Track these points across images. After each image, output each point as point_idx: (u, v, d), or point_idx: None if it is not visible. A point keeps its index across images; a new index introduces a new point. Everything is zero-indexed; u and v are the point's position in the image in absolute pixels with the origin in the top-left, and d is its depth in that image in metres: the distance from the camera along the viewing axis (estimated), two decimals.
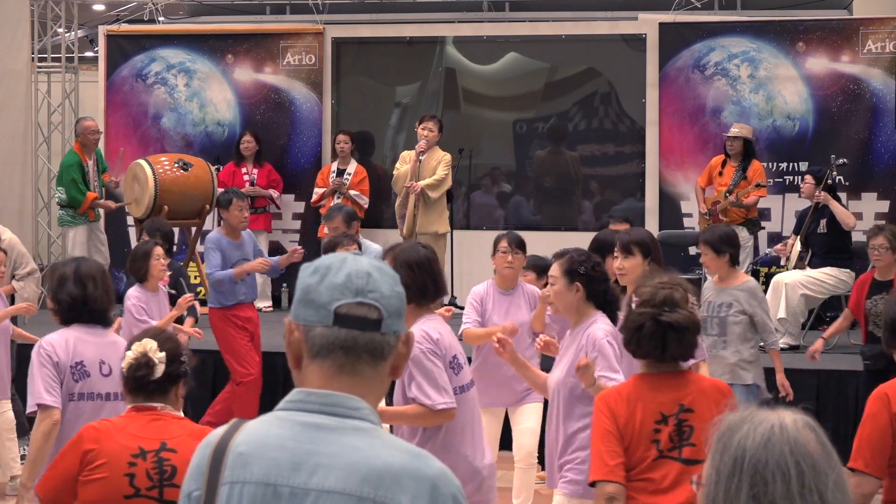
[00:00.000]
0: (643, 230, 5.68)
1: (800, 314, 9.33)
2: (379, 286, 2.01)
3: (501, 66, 12.08)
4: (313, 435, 1.96)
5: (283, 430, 1.99)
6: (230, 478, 1.99)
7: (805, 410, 1.93)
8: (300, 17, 13.04)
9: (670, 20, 11.58)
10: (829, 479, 1.82)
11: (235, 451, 2.00)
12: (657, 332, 3.92)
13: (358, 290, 2.00)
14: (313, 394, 2.01)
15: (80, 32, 13.92)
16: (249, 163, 11.73)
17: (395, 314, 2.02)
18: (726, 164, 10.45)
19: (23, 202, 12.64)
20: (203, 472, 2.02)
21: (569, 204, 11.94)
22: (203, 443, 2.07)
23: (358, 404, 1.99)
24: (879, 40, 11.08)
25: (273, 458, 1.96)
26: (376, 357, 2.01)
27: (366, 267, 2.03)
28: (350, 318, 1.99)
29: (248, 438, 2.00)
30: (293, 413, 2.00)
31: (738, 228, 10.28)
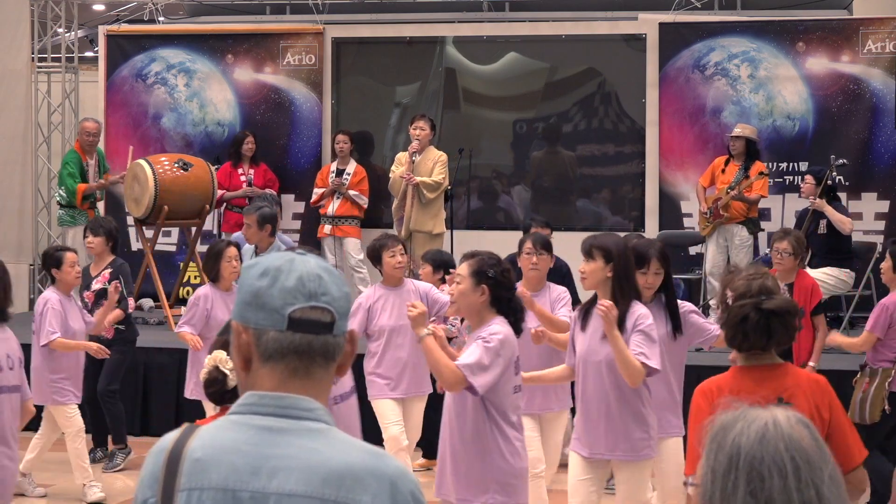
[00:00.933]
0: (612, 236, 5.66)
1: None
2: (330, 288, 2.00)
3: (501, 66, 12.07)
4: (269, 438, 1.95)
5: (239, 435, 1.97)
6: (187, 484, 1.96)
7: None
8: (300, 17, 13.03)
9: (670, 20, 11.58)
10: (824, 474, 1.82)
11: (191, 456, 1.97)
12: (761, 321, 3.96)
13: (311, 294, 1.99)
14: (266, 396, 1.99)
15: (80, 32, 13.91)
16: (246, 163, 11.72)
17: (344, 315, 2.02)
18: (729, 164, 10.44)
19: (23, 202, 12.64)
20: (157, 479, 1.99)
21: (567, 204, 11.94)
22: (156, 448, 2.04)
23: (312, 405, 1.98)
24: (879, 40, 11.08)
25: (231, 463, 1.95)
26: (328, 359, 2.01)
27: (315, 269, 2.01)
28: (305, 323, 1.99)
29: (204, 443, 1.98)
30: (248, 416, 1.99)
31: (739, 228, 10.31)
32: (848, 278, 9.43)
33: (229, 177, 11.64)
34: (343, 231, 11.23)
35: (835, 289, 9.46)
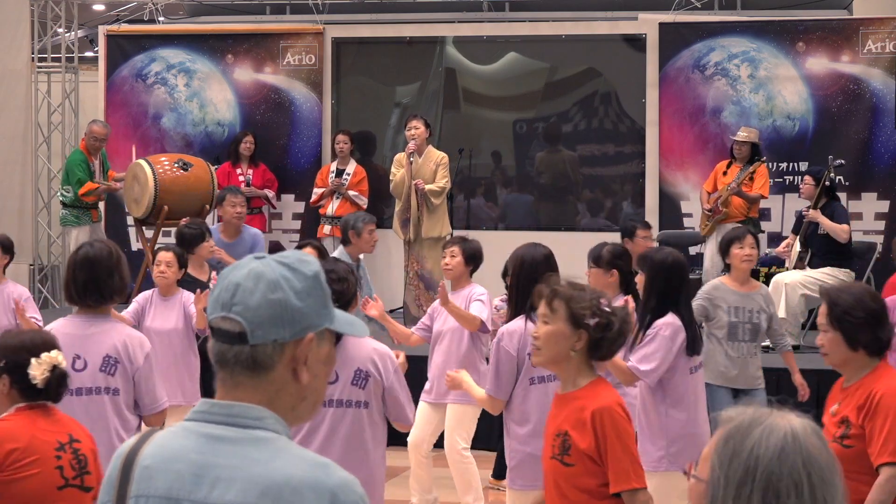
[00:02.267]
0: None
1: (800, 314, 9.33)
2: (246, 298, 1.96)
3: (501, 66, 12.07)
4: (215, 447, 1.94)
5: (188, 442, 1.97)
6: (136, 491, 1.98)
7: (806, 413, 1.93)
8: (300, 17, 13.03)
9: (670, 20, 11.58)
10: (837, 492, 1.82)
11: (142, 463, 1.99)
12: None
13: (223, 304, 1.98)
14: (217, 405, 1.99)
15: (80, 32, 13.91)
16: (245, 163, 11.72)
17: (267, 324, 1.96)
18: (731, 166, 10.45)
19: (23, 202, 12.64)
20: (114, 483, 2.02)
21: (568, 204, 11.94)
22: (116, 453, 2.06)
23: (260, 414, 1.96)
24: (879, 40, 11.08)
25: (176, 472, 1.95)
26: (252, 369, 1.97)
27: (239, 277, 1.99)
28: (218, 332, 1.98)
29: (155, 451, 1.99)
30: (199, 424, 1.98)
31: None
32: (848, 278, 9.41)
33: (228, 177, 11.64)
34: None
35: None
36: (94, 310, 4.84)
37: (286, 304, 1.97)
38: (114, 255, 4.86)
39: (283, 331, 1.97)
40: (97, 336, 4.80)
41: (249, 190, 11.56)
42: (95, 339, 4.80)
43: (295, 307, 1.98)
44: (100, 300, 4.82)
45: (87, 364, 4.76)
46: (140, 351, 4.82)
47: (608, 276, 6.07)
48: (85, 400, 4.76)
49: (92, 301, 4.81)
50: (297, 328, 1.98)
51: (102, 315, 4.85)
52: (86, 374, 4.75)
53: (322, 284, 2.03)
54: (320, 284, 2.03)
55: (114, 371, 4.78)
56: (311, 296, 2.00)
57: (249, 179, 11.66)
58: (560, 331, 3.70)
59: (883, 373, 4.00)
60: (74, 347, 4.75)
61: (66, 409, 4.76)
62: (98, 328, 4.82)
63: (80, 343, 4.78)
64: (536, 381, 5.17)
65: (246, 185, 11.60)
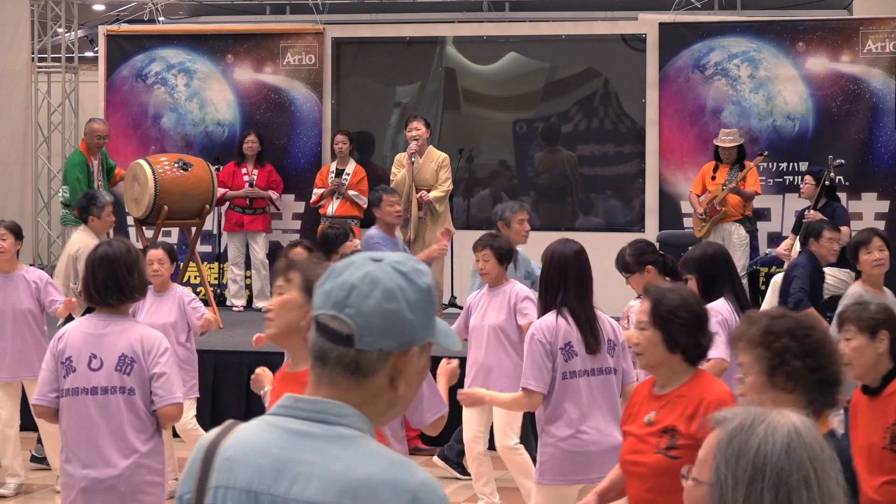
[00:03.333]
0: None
1: None
2: (360, 302, 1.94)
3: (501, 66, 12.07)
4: (298, 442, 1.94)
5: (271, 436, 1.96)
6: (216, 482, 1.97)
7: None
8: (300, 17, 13.04)
9: (670, 20, 11.58)
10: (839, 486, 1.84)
11: (223, 455, 1.98)
12: None
13: (336, 303, 1.95)
14: (302, 400, 1.98)
15: (80, 32, 13.93)
16: (250, 163, 11.72)
17: (376, 332, 1.94)
18: (718, 169, 10.47)
19: (23, 202, 12.65)
20: (194, 474, 2.02)
21: (567, 204, 11.94)
22: (198, 444, 2.05)
23: (345, 411, 1.95)
24: (879, 40, 11.07)
25: (257, 465, 1.94)
26: (352, 372, 1.96)
27: (356, 278, 1.96)
28: (324, 329, 1.96)
29: (237, 443, 1.99)
30: (282, 419, 1.98)
31: (736, 226, 10.32)
32: (848, 278, 9.39)
33: (232, 176, 11.64)
34: None
35: (835, 289, 9.44)
36: (113, 309, 4.82)
37: (399, 316, 1.95)
38: (132, 252, 4.87)
39: (390, 341, 1.95)
40: (113, 335, 4.79)
41: (253, 191, 11.56)
42: (112, 338, 4.79)
43: (406, 319, 1.95)
44: (121, 298, 4.80)
45: (102, 363, 4.75)
46: (158, 349, 4.79)
47: (645, 274, 6.10)
48: (100, 399, 4.75)
49: (113, 300, 4.80)
50: (404, 340, 1.97)
51: (120, 314, 4.84)
52: (101, 374, 4.74)
53: (433, 298, 2.01)
54: (432, 298, 2.00)
55: (129, 370, 4.75)
56: (423, 309, 1.98)
57: (254, 180, 11.65)
58: (294, 299, 3.63)
59: (707, 380, 3.86)
60: (90, 347, 4.75)
61: (80, 408, 4.77)
62: (115, 327, 4.81)
63: (97, 342, 4.78)
64: (569, 376, 5.16)
65: (250, 186, 11.60)
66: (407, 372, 1.98)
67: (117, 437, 4.75)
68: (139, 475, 4.78)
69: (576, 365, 5.14)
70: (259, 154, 11.73)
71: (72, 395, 4.77)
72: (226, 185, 11.56)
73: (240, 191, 11.59)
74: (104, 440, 4.76)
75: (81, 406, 4.76)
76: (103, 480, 4.75)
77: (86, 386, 4.75)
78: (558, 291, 5.15)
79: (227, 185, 11.56)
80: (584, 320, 5.15)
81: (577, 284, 5.16)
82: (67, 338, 4.81)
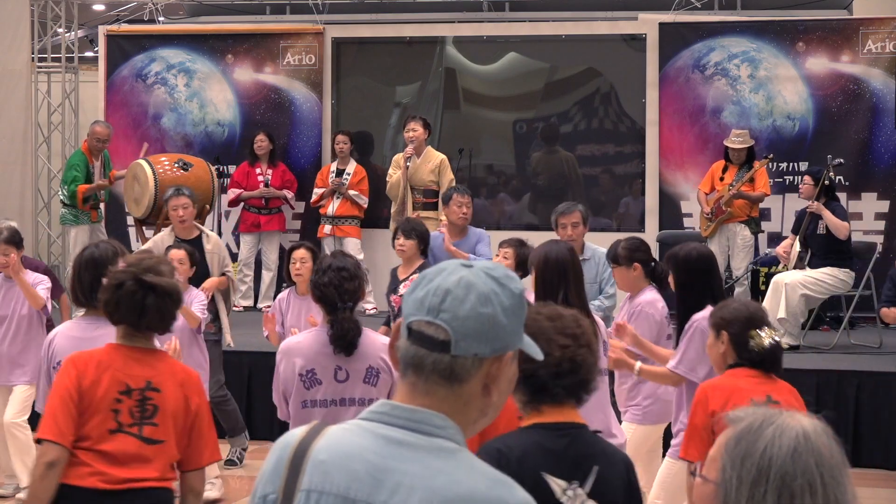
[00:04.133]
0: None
1: (800, 314, 9.33)
2: (455, 307, 1.91)
3: (501, 66, 12.08)
4: (396, 451, 1.90)
5: (366, 442, 1.92)
6: (308, 485, 1.93)
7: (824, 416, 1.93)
8: (300, 17, 13.04)
9: (670, 20, 11.58)
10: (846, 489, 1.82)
11: (316, 457, 1.94)
12: (138, 294, 3.97)
13: (430, 309, 1.92)
14: (399, 408, 1.94)
15: (80, 32, 13.92)
16: (264, 163, 11.71)
17: (472, 337, 1.91)
18: (728, 169, 10.45)
19: (23, 202, 12.64)
20: (280, 475, 1.96)
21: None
22: (281, 443, 2.01)
23: (444, 423, 1.92)
24: (879, 40, 11.08)
25: (354, 471, 1.90)
26: (448, 378, 1.93)
27: (450, 283, 1.93)
28: (418, 336, 1.93)
29: (331, 445, 1.94)
30: (377, 425, 1.94)
31: (741, 227, 10.32)
32: (848, 278, 9.42)
33: (247, 176, 11.64)
34: (343, 231, 11.24)
35: (835, 289, 9.46)
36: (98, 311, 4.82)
37: (494, 321, 1.93)
38: (119, 254, 4.85)
39: (485, 346, 1.93)
40: (103, 339, 4.75)
41: (267, 191, 11.57)
42: (101, 341, 4.76)
43: (501, 324, 1.93)
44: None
45: None
46: None
47: (631, 271, 6.18)
48: None
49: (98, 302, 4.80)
50: (498, 345, 1.94)
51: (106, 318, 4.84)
52: None
53: (524, 304, 1.99)
54: (523, 304, 1.99)
55: None
56: (516, 315, 1.97)
57: (268, 180, 11.65)
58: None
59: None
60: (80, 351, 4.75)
61: None
62: (104, 330, 4.76)
63: (86, 346, 4.75)
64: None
65: (265, 186, 11.60)
66: (500, 379, 1.96)
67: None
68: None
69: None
70: (271, 153, 11.73)
71: None
72: (240, 185, 11.57)
73: (255, 191, 11.59)
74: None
75: None
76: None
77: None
78: (558, 290, 5.16)
79: (241, 186, 11.56)
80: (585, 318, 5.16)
81: (576, 283, 5.18)
82: (56, 342, 4.80)
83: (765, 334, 4.37)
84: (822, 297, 9.54)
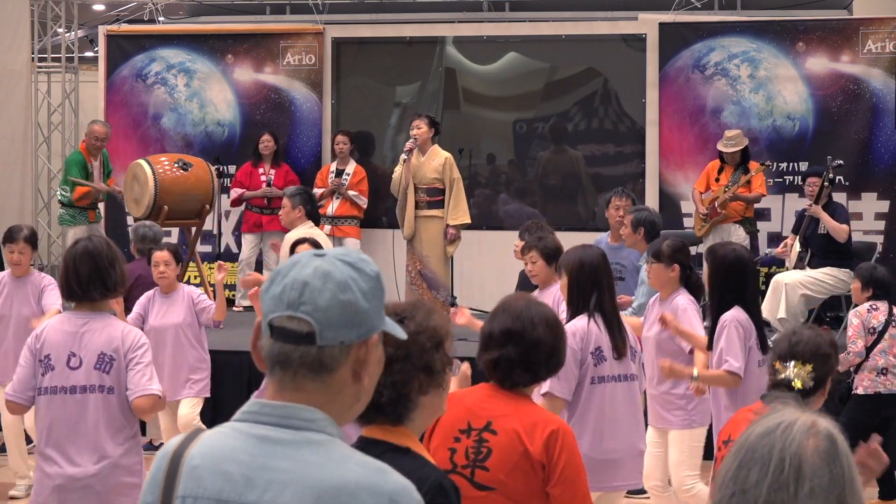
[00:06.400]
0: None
1: (799, 314, 9.33)
2: (315, 297, 1.92)
3: (501, 66, 12.07)
4: (267, 449, 1.90)
5: (238, 443, 1.93)
6: (183, 491, 1.93)
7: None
8: (300, 17, 13.04)
9: (670, 20, 11.58)
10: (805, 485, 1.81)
11: (190, 463, 1.94)
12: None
13: (290, 303, 1.92)
14: (268, 405, 1.95)
15: (80, 32, 13.93)
16: (267, 163, 11.71)
17: (336, 325, 1.93)
18: (724, 170, 10.46)
19: (23, 202, 12.64)
20: (159, 483, 1.97)
21: (572, 203, 11.93)
22: (160, 452, 2.01)
23: (313, 415, 1.92)
24: (879, 40, 11.07)
25: (226, 473, 1.90)
26: (317, 370, 1.93)
27: (306, 275, 1.94)
28: (281, 332, 1.93)
29: (203, 450, 1.95)
30: (249, 425, 1.94)
31: (735, 227, 10.32)
32: (847, 278, 9.41)
33: (249, 176, 11.64)
34: (343, 231, 11.24)
35: (834, 289, 9.46)
36: (94, 304, 4.82)
37: (355, 306, 1.94)
38: (112, 247, 4.88)
39: (350, 332, 1.94)
40: (93, 333, 4.78)
41: (270, 190, 11.56)
42: (91, 335, 4.78)
43: (362, 308, 1.95)
44: (104, 292, 4.80)
45: (82, 361, 4.74)
46: (133, 342, 4.77)
47: (669, 270, 6.17)
48: (79, 398, 4.75)
49: (97, 293, 4.79)
50: (363, 330, 1.96)
51: (100, 311, 4.83)
52: (80, 373, 4.74)
53: (382, 285, 2.01)
54: (381, 285, 2.01)
55: (108, 369, 4.75)
56: (376, 297, 1.98)
57: (271, 179, 11.65)
58: None
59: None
60: (70, 345, 4.75)
61: (58, 406, 4.76)
62: (94, 324, 4.80)
63: (76, 340, 4.76)
64: (597, 381, 5.17)
65: (267, 185, 11.60)
66: (369, 362, 1.98)
67: (95, 437, 4.75)
68: (115, 475, 4.77)
69: (604, 370, 5.16)
70: (275, 153, 11.73)
71: (50, 393, 4.76)
72: (243, 185, 11.57)
73: (257, 191, 11.59)
74: (81, 439, 4.75)
75: (59, 404, 4.75)
76: (79, 479, 4.74)
77: (64, 385, 4.75)
78: (591, 295, 5.18)
79: (244, 186, 11.56)
80: (616, 325, 5.20)
81: (609, 288, 5.24)
82: (46, 336, 4.79)
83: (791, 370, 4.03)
84: (822, 297, 9.55)
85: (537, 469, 3.38)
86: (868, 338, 7.44)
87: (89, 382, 4.74)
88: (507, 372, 3.51)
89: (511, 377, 3.52)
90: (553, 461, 3.37)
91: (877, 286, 7.55)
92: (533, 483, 3.38)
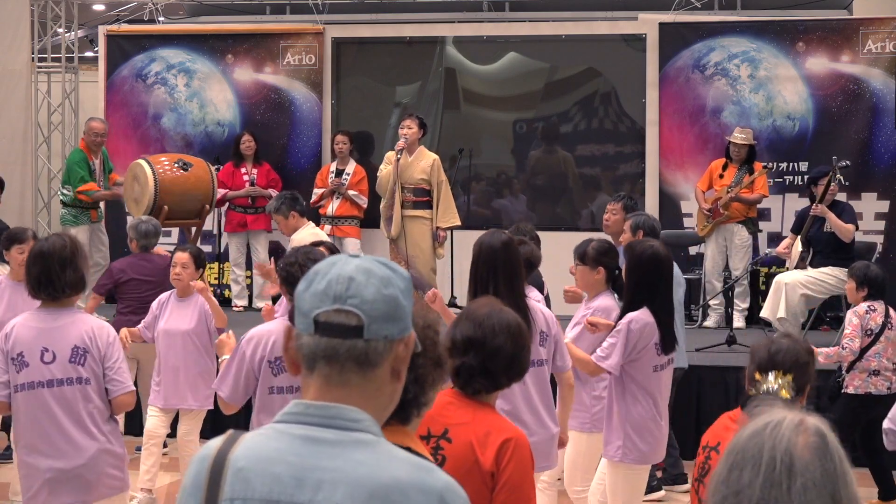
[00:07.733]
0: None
1: (800, 314, 9.33)
2: (361, 291, 1.94)
3: (501, 66, 12.07)
4: (315, 449, 1.91)
5: (283, 444, 1.93)
6: (230, 494, 1.92)
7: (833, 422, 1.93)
8: (300, 17, 13.04)
9: (670, 20, 11.58)
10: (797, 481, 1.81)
11: (235, 465, 1.93)
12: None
13: (336, 297, 1.94)
14: (312, 406, 1.95)
15: (80, 32, 13.92)
16: (249, 163, 11.72)
17: (381, 318, 1.95)
18: (727, 168, 10.46)
19: (23, 202, 12.64)
20: (201, 487, 1.96)
21: (567, 204, 11.94)
22: (199, 455, 2.00)
23: (358, 416, 1.94)
24: (879, 40, 11.07)
25: (275, 474, 1.90)
26: (363, 364, 1.95)
27: (349, 271, 1.96)
28: (328, 326, 1.94)
29: (248, 453, 1.94)
30: (292, 426, 1.95)
31: (738, 227, 10.33)
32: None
33: (232, 176, 11.63)
34: (343, 231, 11.25)
35: (835, 288, 9.45)
36: (58, 303, 4.89)
37: (397, 301, 1.97)
38: (68, 248, 4.89)
39: (393, 327, 1.96)
40: (63, 328, 4.87)
41: (254, 189, 11.57)
42: (62, 331, 4.86)
43: (402, 305, 1.98)
44: (52, 294, 4.86)
45: (55, 356, 4.82)
46: (106, 338, 4.88)
47: (594, 273, 6.13)
48: (56, 392, 4.83)
49: (45, 295, 4.87)
50: (403, 326, 1.98)
51: (67, 308, 4.91)
52: (55, 366, 4.82)
53: (412, 287, 2.04)
54: (412, 286, 2.04)
55: (83, 361, 4.84)
56: (409, 297, 2.01)
57: (254, 179, 11.65)
58: None
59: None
60: (41, 341, 4.83)
61: (38, 401, 4.83)
62: (64, 320, 4.88)
63: (47, 336, 4.85)
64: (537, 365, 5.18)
65: (250, 185, 11.60)
66: (406, 361, 2.00)
67: (78, 427, 4.83)
68: (103, 461, 4.88)
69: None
70: (256, 153, 11.74)
71: (27, 389, 4.83)
72: (226, 185, 11.55)
73: (240, 190, 11.58)
74: (66, 431, 4.83)
75: (39, 399, 4.83)
76: (69, 470, 4.83)
77: (41, 379, 4.82)
78: (488, 283, 5.11)
79: (226, 186, 11.55)
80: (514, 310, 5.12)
81: (506, 275, 5.13)
82: (16, 333, 4.86)
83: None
84: (823, 297, 9.54)
85: (486, 479, 3.38)
86: (864, 339, 7.46)
87: (66, 375, 4.83)
88: (468, 379, 3.51)
89: (472, 384, 3.52)
90: (500, 469, 3.38)
91: (871, 285, 7.56)
92: (483, 492, 3.38)
